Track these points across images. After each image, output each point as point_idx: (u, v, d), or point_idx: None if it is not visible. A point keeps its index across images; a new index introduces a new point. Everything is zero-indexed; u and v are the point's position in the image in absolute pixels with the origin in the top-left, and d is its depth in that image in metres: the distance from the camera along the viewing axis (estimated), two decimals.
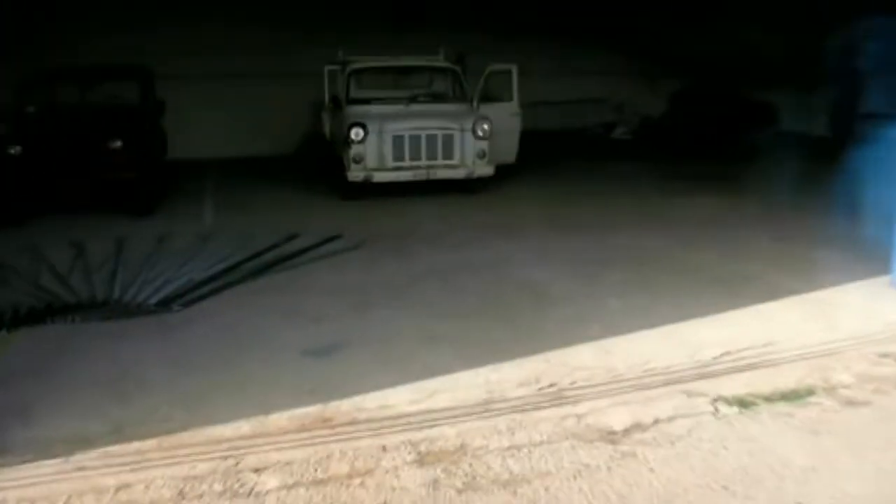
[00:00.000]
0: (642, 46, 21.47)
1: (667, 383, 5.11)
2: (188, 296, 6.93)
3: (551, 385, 5.03)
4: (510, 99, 13.19)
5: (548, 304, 6.59)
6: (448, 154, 11.54)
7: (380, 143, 11.31)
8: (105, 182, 10.31)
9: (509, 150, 13.04)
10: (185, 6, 18.26)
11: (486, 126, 11.63)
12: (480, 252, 8.38)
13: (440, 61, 13.11)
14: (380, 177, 11.33)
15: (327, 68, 13.35)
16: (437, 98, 12.65)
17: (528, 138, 13.55)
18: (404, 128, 11.36)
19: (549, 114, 21.23)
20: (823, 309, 6.55)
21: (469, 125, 11.58)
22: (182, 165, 15.10)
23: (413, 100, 12.28)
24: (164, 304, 6.70)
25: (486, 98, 12.84)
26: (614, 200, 11.63)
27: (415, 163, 11.43)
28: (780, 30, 19.71)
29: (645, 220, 10.07)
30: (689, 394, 4.96)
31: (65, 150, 10.24)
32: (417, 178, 11.41)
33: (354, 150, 11.24)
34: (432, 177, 11.47)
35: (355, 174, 11.29)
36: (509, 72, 13.07)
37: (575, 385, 5.05)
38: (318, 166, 14.00)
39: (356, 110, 11.80)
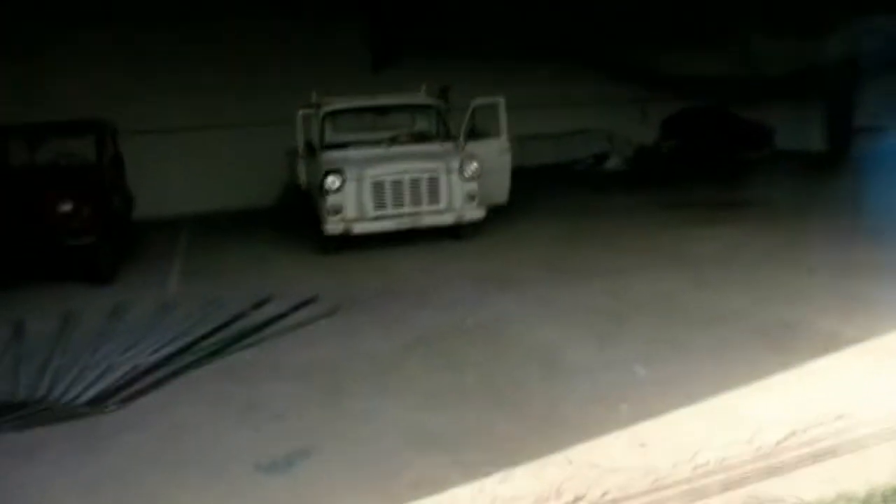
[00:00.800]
0: (630, 71, 20.40)
1: (726, 487, 3.88)
2: (129, 389, 5.68)
3: (577, 500, 3.78)
4: (498, 134, 12.04)
5: (560, 377, 5.35)
6: (434, 198, 10.39)
7: (359, 191, 10.14)
8: (58, 248, 9.08)
9: (500, 190, 11.88)
10: (153, 53, 17.24)
11: (473, 165, 10.48)
12: (476, 311, 7.16)
13: (421, 98, 11.97)
14: (360, 228, 10.15)
15: (300, 112, 12.18)
16: (419, 138, 11.52)
17: (518, 175, 12.48)
18: (385, 172, 10.20)
19: (537, 148, 20.16)
20: None
21: (455, 165, 10.43)
22: (152, 225, 13.96)
23: (393, 141, 11.16)
24: (98, 403, 5.46)
25: (473, 135, 11.68)
26: (619, 239, 10.46)
27: (398, 210, 10.27)
28: (770, 46, 18.56)
29: (657, 260, 8.89)
30: (760, 501, 3.71)
31: (11, 214, 9.02)
32: (401, 227, 10.24)
33: (331, 200, 10.07)
34: (418, 224, 10.30)
35: (333, 226, 10.11)
36: (496, 106, 11.91)
37: (608, 498, 3.80)
38: (297, 218, 12.81)
39: (331, 156, 10.66)
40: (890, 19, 18.25)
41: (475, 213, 10.56)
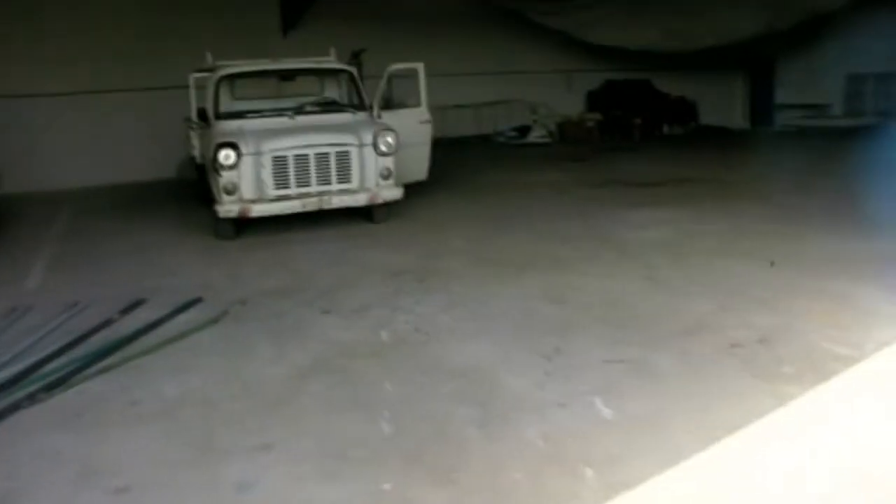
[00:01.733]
0: (556, 41, 19.16)
1: None
2: None
3: None
4: (418, 104, 10.64)
5: (501, 421, 4.07)
6: (344, 176, 9.01)
7: (257, 168, 8.68)
8: None
9: (419, 166, 10.57)
10: (39, 7, 15.31)
11: (390, 139, 9.11)
12: (392, 318, 5.83)
13: (331, 62, 10.49)
14: (259, 210, 8.68)
15: (192, 76, 10.61)
16: (328, 107, 10.03)
17: (437, 147, 11.15)
18: (288, 146, 8.75)
19: (457, 118, 18.89)
20: None
21: (369, 139, 9.04)
22: (29, 201, 12.23)
23: (299, 111, 9.68)
24: None
25: (389, 105, 10.27)
26: (553, 222, 9.28)
27: (303, 189, 8.86)
28: (695, 18, 17.52)
29: (599, 250, 7.70)
30: None
31: None
32: (308, 208, 8.82)
33: (225, 178, 8.58)
34: (326, 206, 8.90)
35: (227, 208, 8.63)
36: (415, 72, 10.50)
37: None
38: (196, 195, 11.24)
39: (226, 127, 9.14)
40: None
41: (391, 192, 9.22)
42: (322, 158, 8.86)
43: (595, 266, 7.09)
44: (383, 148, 9.08)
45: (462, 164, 15.13)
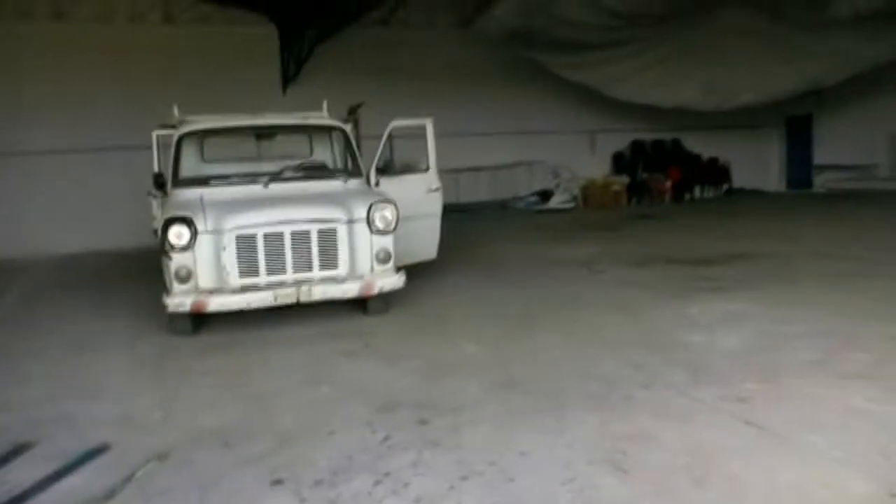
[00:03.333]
0: (580, 98, 17.28)
1: None
2: None
3: None
4: (426, 168, 8.63)
5: None
6: (330, 260, 7.02)
7: (217, 250, 6.65)
8: None
9: (427, 244, 8.62)
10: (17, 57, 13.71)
11: (388, 213, 7.13)
12: (375, 500, 3.69)
13: (321, 118, 8.52)
14: (219, 304, 6.66)
15: (155, 133, 8.68)
16: (314, 173, 8.03)
17: (449, 216, 9.22)
18: (256, 223, 6.76)
19: (472, 182, 16.97)
20: None
21: (362, 213, 7.05)
22: None
23: (276, 177, 7.64)
24: None
25: (390, 169, 8.31)
26: (590, 317, 7.27)
27: (276, 278, 6.87)
28: (736, 74, 15.58)
29: (665, 368, 5.63)
30: None
31: None
32: (281, 301, 6.80)
33: (176, 262, 6.62)
34: (306, 299, 6.83)
35: (178, 301, 6.66)
36: (423, 130, 8.54)
37: None
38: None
39: (182, 196, 7.21)
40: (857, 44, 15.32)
41: (390, 279, 7.18)
42: (301, 238, 6.87)
43: (664, 397, 4.96)
44: (380, 224, 7.09)
45: (477, 236, 13.15)
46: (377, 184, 8.10)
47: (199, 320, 7.04)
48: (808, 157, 21.28)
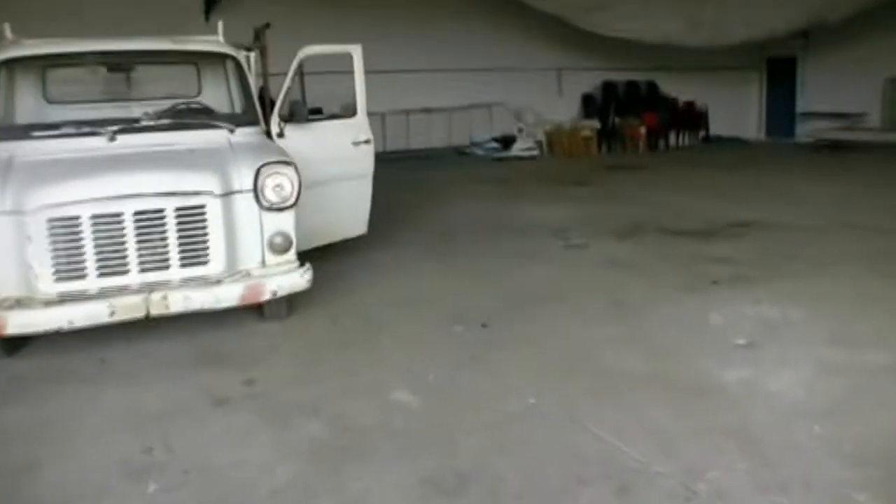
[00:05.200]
0: (545, 31, 14.80)
1: None
2: None
3: None
4: (352, 113, 6.18)
5: None
6: (196, 253, 4.68)
7: (20, 240, 4.18)
8: None
9: (353, 215, 6.31)
10: None
11: (285, 179, 4.74)
12: None
13: (206, 43, 5.98)
14: (22, 324, 4.26)
15: None
16: (188, 119, 5.48)
17: (398, 164, 6.87)
18: (80, 198, 4.34)
19: (424, 126, 14.48)
20: None
21: (247, 179, 4.69)
22: None
23: (130, 126, 5.15)
24: None
25: (298, 114, 5.83)
26: (573, 324, 5.11)
27: (114, 281, 4.44)
28: (730, 7, 13.18)
29: (709, 450, 3.28)
30: None
31: None
32: (121, 317, 4.40)
33: None
34: (160, 311, 4.42)
35: None
36: (348, 58, 6.07)
37: None
38: None
39: None
40: None
41: (289, 278, 4.81)
42: (151, 220, 4.47)
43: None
44: (273, 196, 4.71)
45: (426, 191, 10.78)
46: (280, 134, 5.66)
47: (13, 339, 4.62)
48: (791, 104, 19.07)
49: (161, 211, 4.48)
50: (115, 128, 5.05)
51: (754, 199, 10.04)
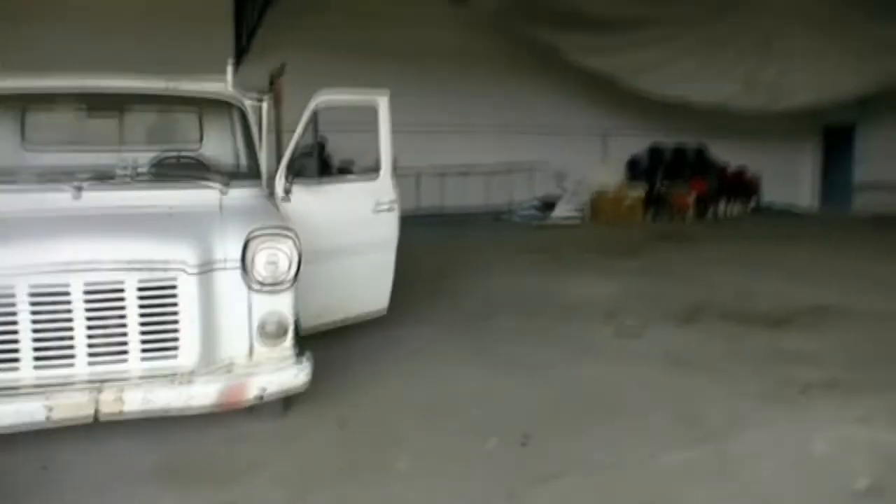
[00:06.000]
0: (591, 94, 13.86)
1: None
2: None
3: None
4: (375, 172, 5.19)
5: None
6: (162, 340, 3.66)
7: None
8: None
9: (373, 290, 5.30)
10: None
11: (280, 252, 3.70)
12: None
13: (211, 86, 5.01)
14: None
15: None
16: (174, 172, 4.50)
17: (424, 231, 5.84)
18: (13, 266, 3.25)
19: (460, 187, 13.50)
20: None
21: (233, 250, 3.64)
22: None
23: (102, 180, 4.16)
24: None
25: (304, 171, 4.83)
26: (638, 455, 3.98)
27: (55, 372, 3.43)
28: (792, 68, 12.13)
29: None
30: None
31: None
32: (64, 418, 3.37)
33: None
34: (113, 411, 3.42)
35: None
36: (373, 110, 5.09)
37: None
38: None
39: None
40: None
41: (280, 376, 3.77)
42: (106, 299, 3.50)
43: None
44: (263, 272, 3.70)
45: (460, 259, 9.76)
46: (287, 193, 4.65)
47: None
48: (848, 173, 17.87)
49: (119, 286, 3.49)
50: (81, 181, 4.05)
51: (823, 278, 8.88)
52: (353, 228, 5.07)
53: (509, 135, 14.45)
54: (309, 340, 4.29)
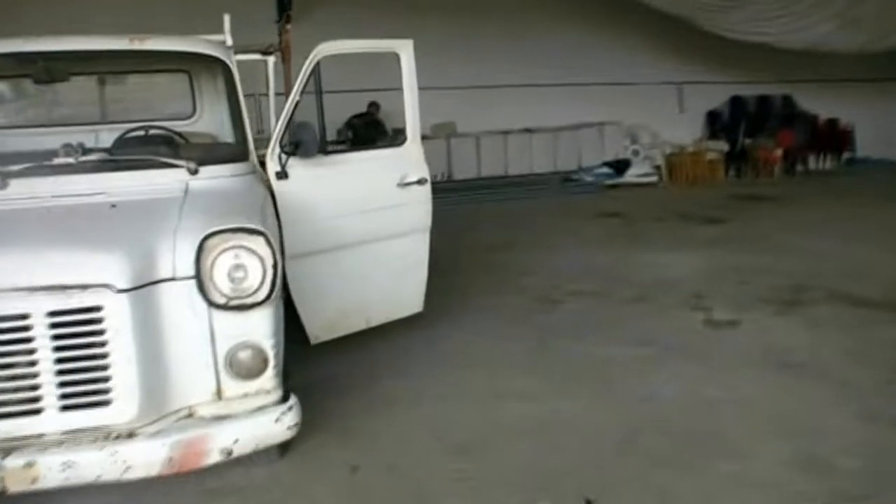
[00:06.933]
0: (662, 39, 12.42)
1: None
2: None
3: None
4: (400, 140, 4.05)
5: None
6: (88, 388, 2.63)
7: None
8: None
9: (400, 289, 4.16)
10: None
11: (253, 259, 2.63)
12: None
13: (189, 43, 3.93)
14: None
15: None
16: (127, 154, 3.45)
17: (484, 199, 5.28)
18: None
19: (524, 149, 12.29)
20: None
21: (183, 260, 2.49)
22: None
23: (40, 165, 3.15)
24: None
25: (302, 144, 3.70)
26: None
27: None
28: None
29: None
30: None
31: None
32: None
33: None
34: (21, 487, 2.53)
35: None
36: (396, 58, 3.95)
37: None
38: None
39: None
40: None
41: (257, 426, 2.70)
42: (8, 334, 2.38)
43: None
44: (224, 287, 2.60)
45: (523, 232, 8.65)
46: (282, 174, 3.59)
47: None
48: None
49: (25, 318, 2.46)
50: (10, 168, 3.06)
51: None
52: (374, 210, 4.00)
53: (576, 90, 13.12)
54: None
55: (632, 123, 13.36)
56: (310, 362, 4.11)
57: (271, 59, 4.59)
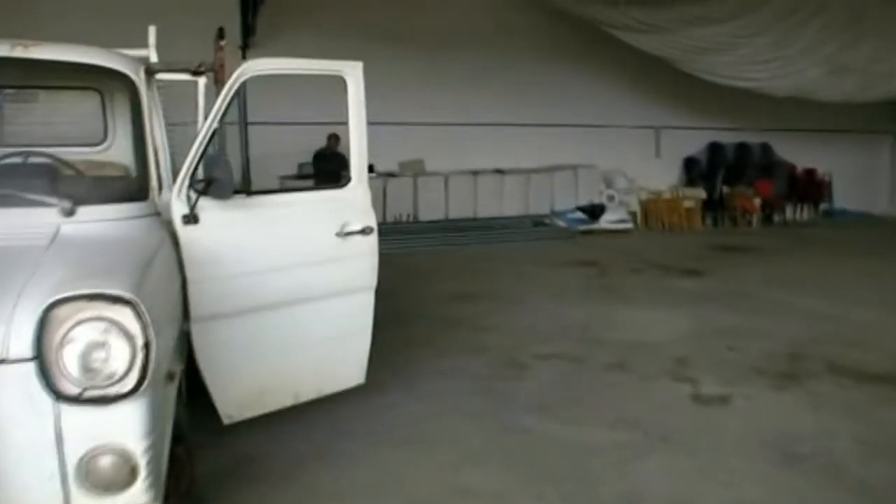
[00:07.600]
0: (640, 84, 11.94)
1: None
2: None
3: None
4: (342, 180, 3.34)
5: None
6: None
7: None
8: None
9: (338, 356, 3.36)
10: None
11: (118, 337, 1.89)
12: None
13: (91, 55, 3.19)
14: None
15: None
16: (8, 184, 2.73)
17: (452, 243, 7.07)
18: None
19: (495, 190, 11.67)
20: None
21: (19, 338, 1.72)
22: None
23: None
24: None
25: (215, 181, 2.95)
26: None
27: None
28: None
29: None
30: None
31: None
32: None
33: None
34: None
35: None
36: (342, 82, 3.25)
37: None
38: None
39: None
40: None
41: None
42: None
43: None
44: (79, 372, 1.84)
45: (491, 281, 7.95)
46: (191, 219, 2.86)
47: None
48: None
49: None
50: None
51: None
52: (305, 265, 3.29)
53: (550, 131, 12.55)
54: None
55: (607, 168, 12.79)
56: (226, 436, 3.39)
57: (202, 81, 3.89)
